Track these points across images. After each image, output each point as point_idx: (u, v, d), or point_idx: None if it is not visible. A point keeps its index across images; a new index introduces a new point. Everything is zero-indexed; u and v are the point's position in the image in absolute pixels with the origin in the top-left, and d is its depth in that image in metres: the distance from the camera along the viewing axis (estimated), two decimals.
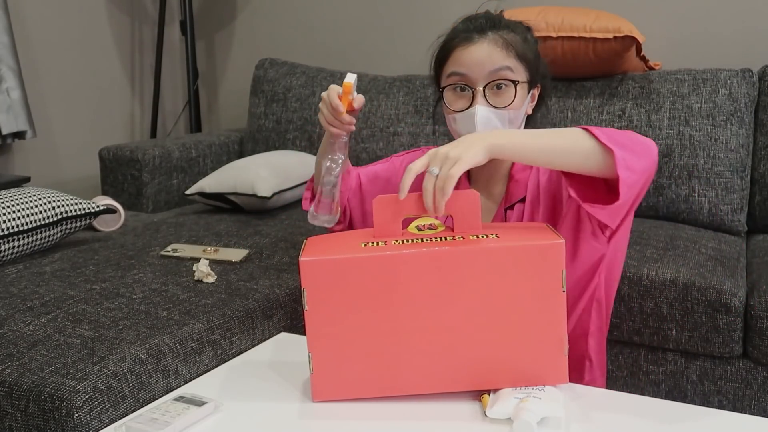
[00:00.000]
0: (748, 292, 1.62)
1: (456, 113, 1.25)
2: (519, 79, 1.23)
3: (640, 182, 1.07)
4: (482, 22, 1.26)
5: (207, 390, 1.05)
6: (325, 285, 0.97)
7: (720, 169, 1.99)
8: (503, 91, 1.23)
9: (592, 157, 1.05)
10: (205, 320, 1.38)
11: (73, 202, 1.79)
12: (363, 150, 2.39)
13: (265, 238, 1.89)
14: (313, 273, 0.97)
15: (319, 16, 2.85)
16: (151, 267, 1.65)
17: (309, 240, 1.07)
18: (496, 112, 1.23)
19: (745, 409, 1.64)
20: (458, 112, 1.25)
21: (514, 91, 1.23)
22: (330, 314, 0.98)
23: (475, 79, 1.23)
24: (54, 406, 1.12)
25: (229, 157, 2.58)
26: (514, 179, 1.31)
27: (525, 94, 1.26)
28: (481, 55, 1.23)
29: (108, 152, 2.35)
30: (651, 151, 1.09)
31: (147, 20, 3.01)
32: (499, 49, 1.23)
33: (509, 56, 1.23)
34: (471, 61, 1.23)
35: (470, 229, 1.02)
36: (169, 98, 3.14)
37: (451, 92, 1.26)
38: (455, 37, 1.26)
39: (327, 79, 2.54)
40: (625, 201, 1.06)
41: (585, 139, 1.06)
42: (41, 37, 2.58)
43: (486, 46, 1.23)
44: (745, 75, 2.04)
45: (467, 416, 0.98)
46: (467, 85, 1.24)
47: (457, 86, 1.25)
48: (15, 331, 1.30)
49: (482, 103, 1.22)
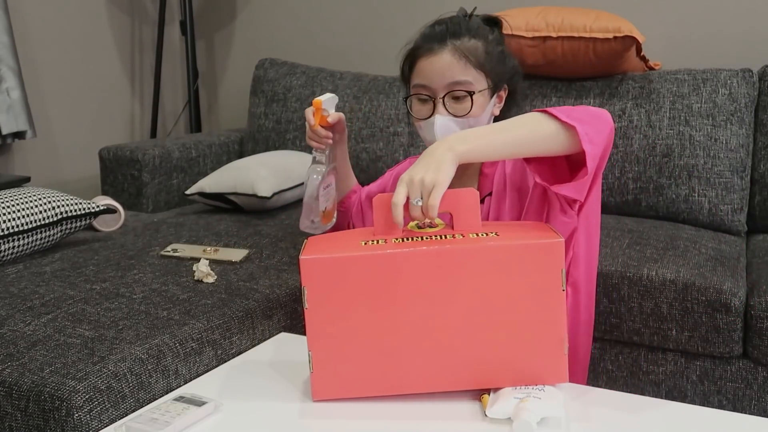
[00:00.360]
0: (748, 292, 1.62)
1: (420, 121, 1.34)
2: (475, 89, 1.30)
3: (602, 151, 1.14)
4: (443, 30, 1.33)
5: (207, 390, 1.05)
6: (325, 283, 0.97)
7: (720, 169, 1.99)
8: (462, 101, 1.30)
9: (555, 138, 1.10)
10: (205, 320, 1.38)
11: (73, 202, 1.79)
12: (363, 150, 2.39)
13: (265, 238, 1.89)
14: (313, 271, 0.97)
15: (319, 16, 2.85)
16: (151, 267, 1.65)
17: (309, 239, 1.07)
18: (456, 120, 1.30)
19: (745, 409, 1.64)
20: (422, 120, 1.33)
21: (471, 101, 1.29)
22: (330, 313, 0.98)
23: (436, 89, 1.30)
24: (54, 406, 1.12)
25: (229, 157, 2.58)
26: (483, 174, 1.36)
27: (486, 100, 1.32)
28: (440, 66, 1.30)
29: (108, 152, 2.35)
30: (607, 120, 1.15)
31: (147, 20, 3.01)
32: (456, 62, 1.29)
33: (467, 68, 1.29)
34: (432, 73, 1.30)
35: (470, 228, 1.03)
36: (169, 98, 3.14)
37: (416, 101, 1.35)
38: (420, 47, 1.34)
39: (327, 79, 2.54)
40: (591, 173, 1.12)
41: (545, 122, 1.11)
42: (41, 37, 2.58)
43: (444, 57, 1.30)
44: (745, 75, 2.04)
45: (467, 416, 0.98)
46: (429, 96, 1.32)
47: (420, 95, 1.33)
48: (15, 331, 1.30)
49: (442, 111, 1.30)
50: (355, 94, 2.47)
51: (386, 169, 2.37)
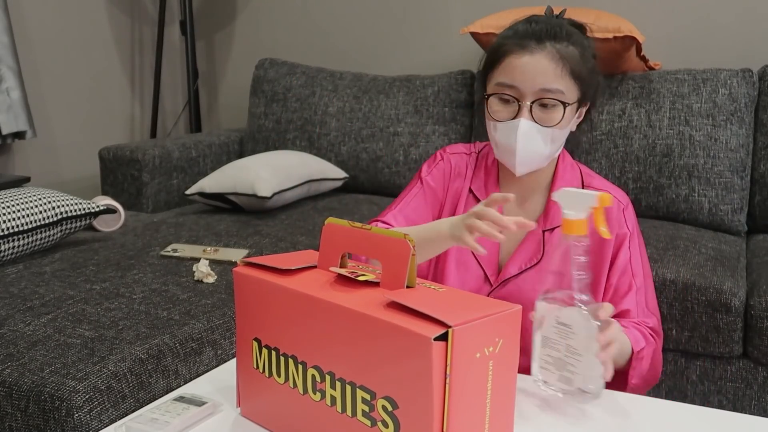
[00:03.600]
0: (748, 292, 1.62)
1: (498, 122, 1.19)
2: (569, 101, 1.16)
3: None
4: (543, 28, 1.18)
5: (207, 390, 1.05)
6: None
7: (720, 169, 1.99)
8: (551, 110, 1.16)
9: None
10: (205, 320, 1.38)
11: (73, 202, 1.79)
12: (363, 150, 2.39)
13: (265, 238, 1.89)
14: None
15: (319, 16, 2.85)
16: (151, 267, 1.65)
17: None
18: (540, 129, 1.17)
19: (745, 409, 1.64)
20: (501, 121, 1.19)
21: (563, 112, 1.16)
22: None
23: (524, 93, 1.16)
24: (54, 406, 1.12)
25: (229, 157, 2.58)
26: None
27: (573, 113, 1.20)
28: (534, 69, 1.15)
29: (108, 152, 2.35)
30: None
31: (147, 20, 3.01)
32: (554, 66, 1.15)
33: (563, 75, 1.16)
34: (523, 75, 1.16)
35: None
36: (169, 98, 3.14)
37: (497, 100, 1.19)
38: (512, 42, 1.18)
39: (327, 79, 2.54)
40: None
41: None
42: (41, 37, 2.58)
43: (541, 59, 1.15)
44: (745, 75, 2.04)
45: None
46: (514, 97, 1.17)
47: (504, 95, 1.18)
48: (15, 331, 1.30)
49: (528, 117, 1.16)
50: (355, 94, 2.47)
51: (385, 169, 2.39)
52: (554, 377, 0.96)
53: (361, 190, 2.45)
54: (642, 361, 1.13)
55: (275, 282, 0.89)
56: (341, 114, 2.45)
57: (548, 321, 0.97)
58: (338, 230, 0.91)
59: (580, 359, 0.94)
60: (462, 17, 2.56)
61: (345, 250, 0.90)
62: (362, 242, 0.88)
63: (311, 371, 0.85)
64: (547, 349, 0.97)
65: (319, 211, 2.20)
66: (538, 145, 1.18)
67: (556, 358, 0.96)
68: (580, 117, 1.24)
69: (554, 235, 1.21)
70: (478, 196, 1.26)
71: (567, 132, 1.21)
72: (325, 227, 0.92)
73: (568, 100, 1.17)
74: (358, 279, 0.86)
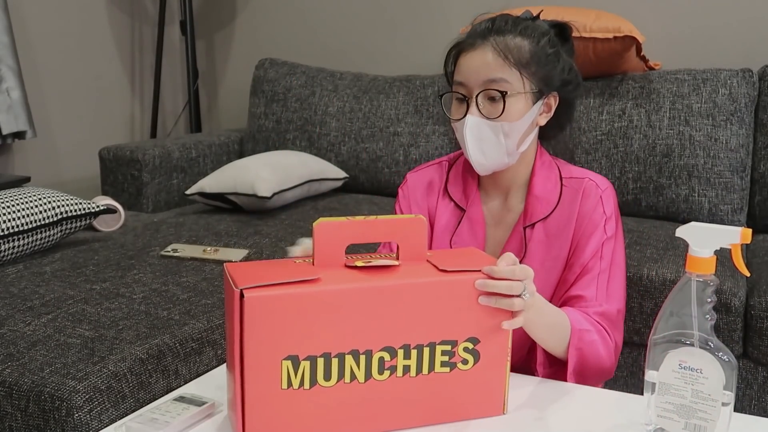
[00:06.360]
0: (748, 292, 1.62)
1: (456, 122, 1.22)
2: (512, 91, 1.17)
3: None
4: (487, 26, 1.22)
5: (207, 390, 1.05)
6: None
7: (720, 169, 1.99)
8: (498, 102, 1.18)
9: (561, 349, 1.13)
10: (205, 320, 1.38)
11: (73, 202, 1.79)
12: (363, 150, 2.39)
13: (265, 238, 1.89)
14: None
15: (319, 16, 2.85)
16: (151, 267, 1.65)
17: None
18: (489, 123, 1.18)
19: (745, 409, 1.64)
20: (456, 120, 1.22)
21: (503, 102, 1.17)
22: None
23: (471, 88, 1.19)
24: (54, 406, 1.12)
25: (229, 157, 2.58)
26: (533, 195, 1.24)
27: (525, 106, 1.19)
28: (476, 63, 1.19)
29: (108, 152, 2.35)
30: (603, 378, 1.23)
31: (147, 20, 3.01)
32: (495, 57, 1.18)
33: (505, 65, 1.17)
34: (468, 69, 1.20)
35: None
36: (169, 98, 3.14)
37: (454, 100, 1.23)
38: (462, 42, 1.24)
39: (327, 79, 2.54)
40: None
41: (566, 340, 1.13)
42: (41, 37, 2.58)
43: (483, 53, 1.19)
44: (745, 75, 2.04)
45: None
46: (464, 95, 1.20)
47: (457, 94, 1.22)
48: (15, 331, 1.30)
49: (474, 112, 1.18)
50: (355, 94, 2.47)
51: (386, 169, 2.39)
52: (678, 426, 0.90)
53: (361, 190, 2.45)
54: (583, 342, 1.14)
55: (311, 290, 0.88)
56: (341, 114, 2.45)
57: (666, 365, 0.90)
58: (334, 227, 0.93)
59: (715, 405, 0.88)
60: (462, 17, 2.56)
61: (348, 242, 0.94)
62: (367, 232, 0.94)
63: (378, 354, 0.92)
64: (668, 396, 0.90)
65: (319, 211, 2.19)
66: (490, 140, 1.18)
67: (679, 405, 0.90)
68: (548, 111, 1.24)
69: (535, 231, 1.23)
70: (453, 198, 1.29)
71: (527, 125, 1.20)
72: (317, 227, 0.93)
73: (514, 90, 1.17)
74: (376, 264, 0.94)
